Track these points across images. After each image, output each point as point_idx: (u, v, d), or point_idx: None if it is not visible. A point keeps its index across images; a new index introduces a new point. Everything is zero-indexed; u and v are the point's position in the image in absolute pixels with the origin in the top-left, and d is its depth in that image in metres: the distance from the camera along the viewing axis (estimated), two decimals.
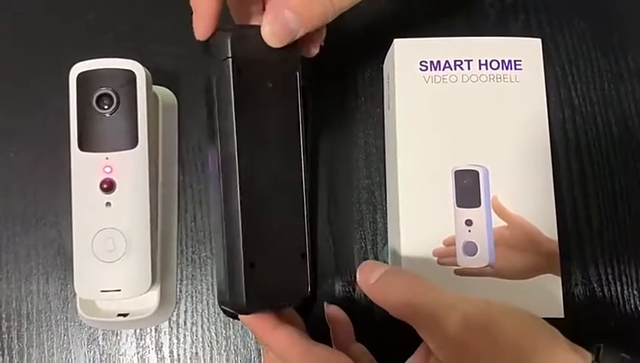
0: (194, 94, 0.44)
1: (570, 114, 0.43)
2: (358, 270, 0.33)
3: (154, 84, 0.40)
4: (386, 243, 0.42)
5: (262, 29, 0.30)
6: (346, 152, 0.43)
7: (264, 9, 0.33)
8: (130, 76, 0.37)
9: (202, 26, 0.31)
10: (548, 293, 0.36)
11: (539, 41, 0.40)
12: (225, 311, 0.40)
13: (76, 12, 0.45)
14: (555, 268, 0.37)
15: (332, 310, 0.36)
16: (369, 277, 0.32)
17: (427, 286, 0.31)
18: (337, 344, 0.34)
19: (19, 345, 0.40)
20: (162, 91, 0.43)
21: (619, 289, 0.40)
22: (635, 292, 0.41)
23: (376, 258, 0.42)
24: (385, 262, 0.41)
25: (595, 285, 0.40)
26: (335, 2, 0.29)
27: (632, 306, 0.40)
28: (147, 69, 0.38)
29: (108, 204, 0.37)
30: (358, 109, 0.44)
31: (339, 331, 0.36)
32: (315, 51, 0.35)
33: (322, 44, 0.35)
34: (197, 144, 0.43)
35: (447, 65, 0.39)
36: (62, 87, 0.37)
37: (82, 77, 0.37)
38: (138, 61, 0.37)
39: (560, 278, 0.37)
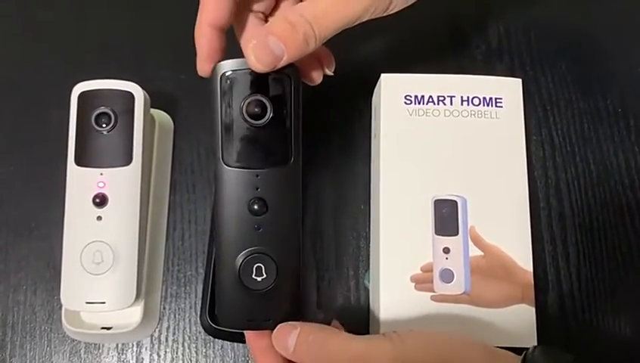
0: (191, 118, 0.46)
1: (551, 152, 0.45)
2: (273, 336, 0.33)
3: (153, 107, 0.42)
4: (368, 269, 0.43)
5: (246, 55, 0.30)
6: (333, 180, 0.45)
7: None
8: (129, 98, 0.39)
9: (199, 63, 0.32)
10: (523, 322, 0.37)
11: (519, 80, 0.42)
12: (209, 331, 0.41)
13: (82, 36, 0.48)
14: (529, 298, 0.37)
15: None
16: (287, 343, 0.32)
17: (332, 345, 0.31)
18: None
19: (1, 355, 0.41)
20: (159, 115, 0.45)
21: (594, 323, 0.41)
22: (611, 328, 0.41)
23: (357, 283, 0.42)
24: (367, 288, 0.42)
25: (570, 318, 0.41)
26: (316, 29, 0.29)
27: (608, 341, 0.41)
28: (147, 92, 0.40)
29: (99, 218, 0.38)
30: (347, 139, 0.46)
31: None
32: (317, 79, 0.36)
33: (331, 73, 0.36)
34: (189, 166, 0.45)
35: (430, 100, 0.41)
36: (64, 105, 0.39)
37: (83, 96, 0.39)
38: (138, 84, 0.39)
39: (534, 309, 0.37)
